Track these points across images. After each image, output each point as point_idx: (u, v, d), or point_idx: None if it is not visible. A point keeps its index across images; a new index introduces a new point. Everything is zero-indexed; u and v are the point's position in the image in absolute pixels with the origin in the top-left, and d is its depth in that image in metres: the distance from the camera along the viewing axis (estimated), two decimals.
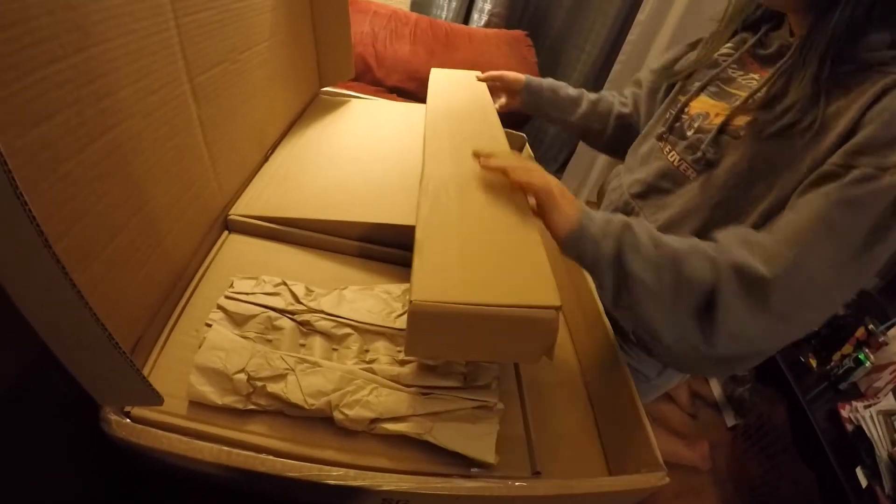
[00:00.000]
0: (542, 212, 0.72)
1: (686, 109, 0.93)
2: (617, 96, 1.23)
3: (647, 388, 1.08)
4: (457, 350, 0.59)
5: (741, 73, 0.87)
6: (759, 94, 0.80)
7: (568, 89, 1.22)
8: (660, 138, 0.98)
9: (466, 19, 2.67)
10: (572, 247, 0.71)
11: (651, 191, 0.97)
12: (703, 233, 0.79)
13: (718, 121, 0.84)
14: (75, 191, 0.47)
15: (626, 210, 1.02)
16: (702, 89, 0.93)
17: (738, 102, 0.83)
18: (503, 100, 1.22)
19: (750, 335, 0.68)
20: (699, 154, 0.85)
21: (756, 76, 0.84)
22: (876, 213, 0.64)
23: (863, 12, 0.68)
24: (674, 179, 0.91)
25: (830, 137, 0.69)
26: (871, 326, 1.92)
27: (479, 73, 1.26)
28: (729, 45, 0.93)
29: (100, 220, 0.51)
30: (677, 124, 0.94)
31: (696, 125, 0.89)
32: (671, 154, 0.92)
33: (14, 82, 0.40)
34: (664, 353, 0.98)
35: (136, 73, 0.56)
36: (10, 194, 0.32)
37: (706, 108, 0.89)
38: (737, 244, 0.70)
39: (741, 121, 0.81)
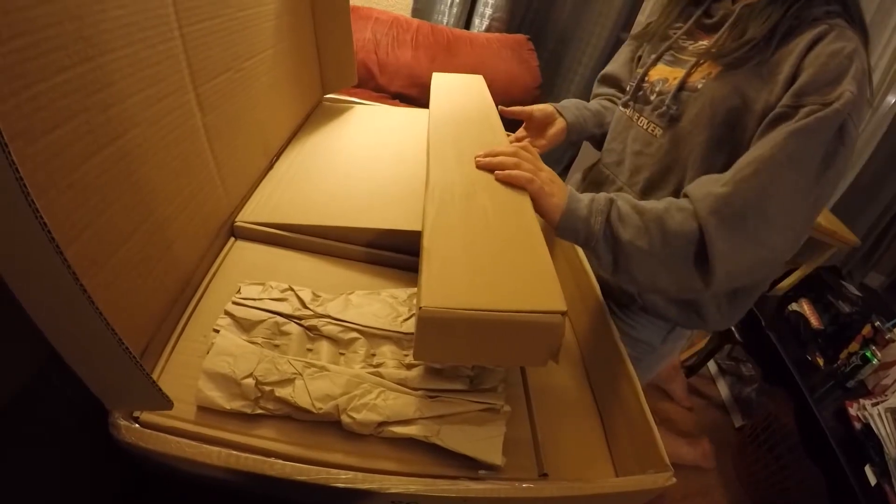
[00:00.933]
0: (534, 203, 0.76)
1: (646, 78, 1.02)
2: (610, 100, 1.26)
3: (653, 360, 1.13)
4: (464, 354, 0.59)
5: (691, 42, 0.98)
6: (713, 49, 0.90)
7: (582, 102, 1.24)
8: (625, 105, 1.07)
9: (468, 24, 2.67)
10: (566, 230, 0.79)
11: (626, 156, 1.05)
12: (682, 187, 0.87)
13: (677, 82, 0.93)
14: (84, 198, 0.48)
15: (603, 179, 1.11)
16: (658, 59, 1.02)
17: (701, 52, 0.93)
18: (543, 140, 1.17)
19: (742, 267, 0.78)
20: (663, 109, 0.93)
21: (705, 42, 0.94)
22: (826, 140, 0.74)
23: None
24: (645, 141, 1.00)
25: (778, 82, 0.80)
26: (877, 324, 1.92)
27: (480, 77, 1.26)
28: (681, 20, 1.03)
29: (108, 226, 0.51)
30: (640, 93, 1.03)
31: (657, 89, 0.98)
32: (640, 119, 1.01)
33: (23, 91, 0.40)
34: (675, 311, 1.02)
35: (143, 82, 0.56)
36: (22, 200, 0.32)
37: (664, 75, 0.98)
38: (706, 187, 0.79)
39: (697, 77, 0.91)
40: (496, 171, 0.77)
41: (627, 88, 1.07)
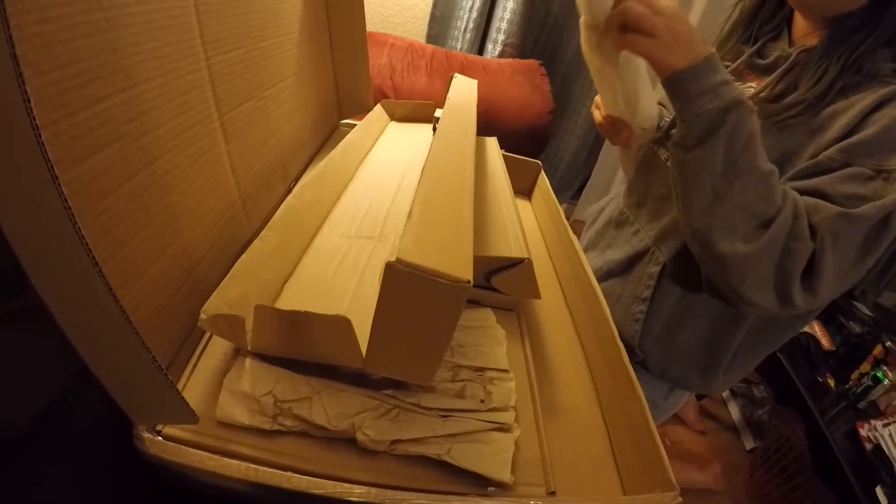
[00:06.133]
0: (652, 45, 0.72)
1: None
2: None
3: (655, 414, 1.10)
4: (418, 350, 0.57)
5: (738, 82, 0.89)
6: (763, 94, 0.84)
7: None
8: (656, 142, 1.00)
9: (481, 50, 2.71)
10: (683, 81, 0.72)
11: (648, 199, 1.00)
12: None
13: None
14: (117, 222, 0.51)
15: (622, 220, 1.06)
16: None
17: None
18: None
19: (764, 288, 0.74)
20: None
21: (753, 84, 0.88)
22: (869, 225, 0.71)
23: (882, 41, 0.74)
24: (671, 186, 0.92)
25: (827, 137, 0.75)
26: (888, 344, 1.91)
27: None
28: (728, 58, 0.97)
29: (138, 249, 0.54)
30: (673, 131, 0.92)
31: None
32: (670, 161, 0.92)
33: (63, 120, 0.43)
34: (677, 370, 1.00)
35: (172, 112, 0.59)
36: (68, 225, 0.35)
37: None
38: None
39: None
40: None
41: (661, 125, 1.01)
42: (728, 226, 0.73)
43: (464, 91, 1.14)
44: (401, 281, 0.47)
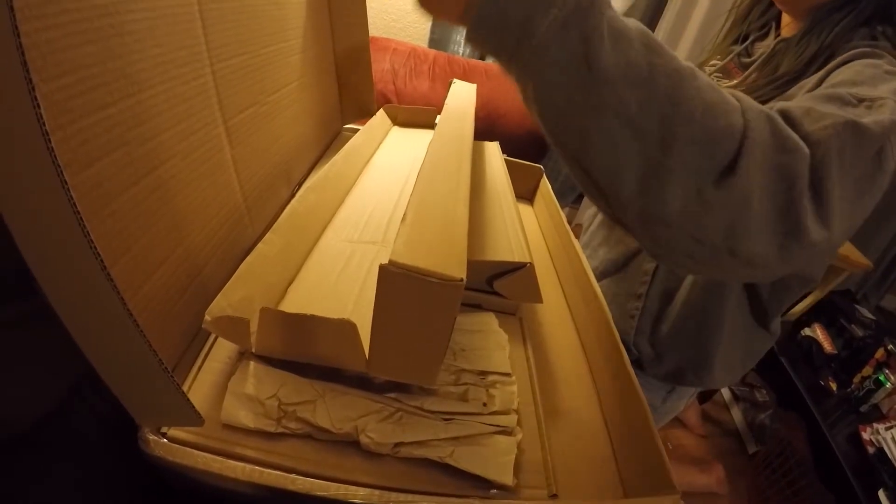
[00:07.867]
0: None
1: None
2: None
3: (654, 417, 1.10)
4: (418, 351, 0.57)
5: (725, 80, 0.94)
6: (748, 79, 0.87)
7: None
8: None
9: (483, 55, 2.71)
10: (484, 21, 0.48)
11: None
12: None
13: None
14: (122, 226, 0.51)
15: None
16: None
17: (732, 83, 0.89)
18: None
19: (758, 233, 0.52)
20: None
21: (738, 81, 0.90)
22: (865, 158, 0.57)
23: (861, 20, 0.76)
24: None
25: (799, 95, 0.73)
26: (890, 347, 1.91)
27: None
28: (717, 57, 1.01)
29: (144, 253, 0.55)
30: None
31: None
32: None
33: (69, 125, 0.43)
34: (673, 365, 1.01)
35: (177, 117, 0.60)
36: (77, 228, 0.35)
37: None
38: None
39: None
40: None
41: None
42: (689, 174, 0.49)
43: (462, 96, 1.14)
44: (395, 282, 0.48)
